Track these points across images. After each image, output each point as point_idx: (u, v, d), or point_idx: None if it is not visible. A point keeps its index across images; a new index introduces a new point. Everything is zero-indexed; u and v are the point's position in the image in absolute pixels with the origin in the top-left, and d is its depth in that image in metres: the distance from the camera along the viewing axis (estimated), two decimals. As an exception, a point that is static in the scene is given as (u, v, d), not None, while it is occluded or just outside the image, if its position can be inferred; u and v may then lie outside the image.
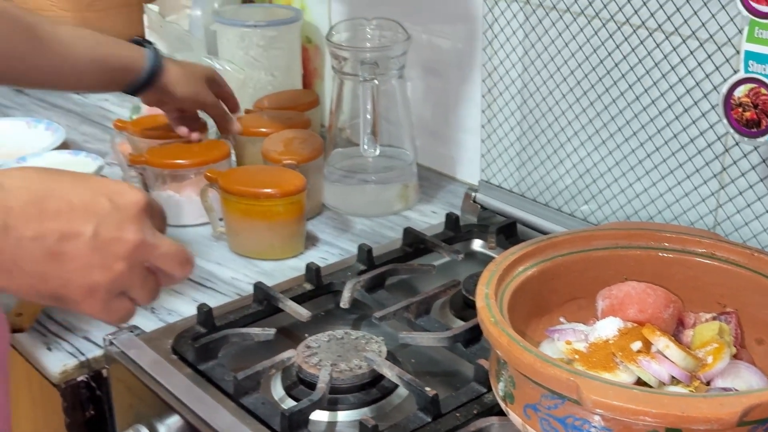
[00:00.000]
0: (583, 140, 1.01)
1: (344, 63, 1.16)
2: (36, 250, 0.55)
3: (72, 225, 0.56)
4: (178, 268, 0.61)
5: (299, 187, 1.06)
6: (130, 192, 0.58)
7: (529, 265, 0.77)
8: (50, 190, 0.56)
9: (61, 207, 0.56)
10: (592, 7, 0.95)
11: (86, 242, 0.56)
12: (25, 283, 0.56)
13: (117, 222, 0.57)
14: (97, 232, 0.56)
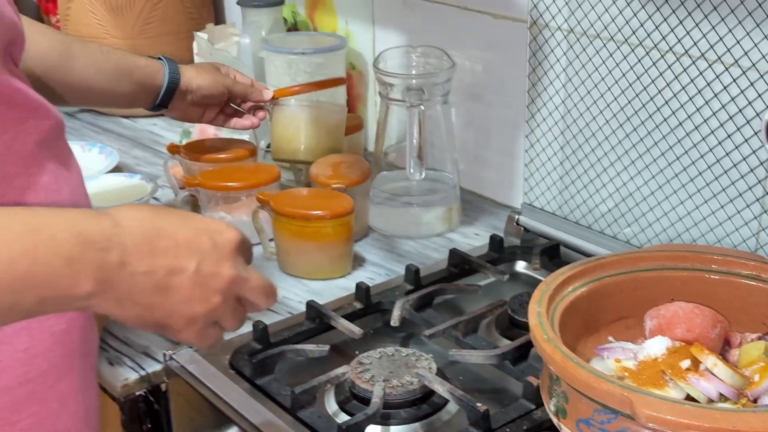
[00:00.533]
0: (626, 165, 1.03)
1: (390, 89, 1.19)
2: (147, 284, 0.60)
3: (178, 261, 0.61)
4: (263, 299, 0.67)
5: (348, 209, 1.10)
6: (227, 231, 0.64)
7: (579, 285, 0.79)
8: (159, 229, 0.61)
9: (169, 245, 0.61)
10: (635, 35, 0.98)
11: (189, 277, 0.61)
12: (135, 314, 0.61)
13: (216, 259, 0.62)
14: (198, 268, 0.62)
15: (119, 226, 0.60)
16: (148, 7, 1.56)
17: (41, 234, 0.56)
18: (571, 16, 1.05)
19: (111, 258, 0.58)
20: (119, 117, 1.61)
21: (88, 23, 1.57)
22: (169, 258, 0.61)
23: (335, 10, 1.47)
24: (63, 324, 0.70)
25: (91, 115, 1.62)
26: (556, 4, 1.06)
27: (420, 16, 1.32)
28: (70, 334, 0.71)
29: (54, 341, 0.69)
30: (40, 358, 0.69)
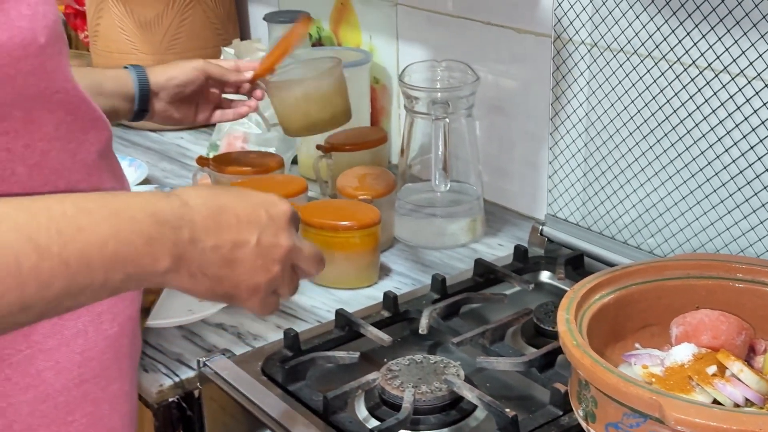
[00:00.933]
0: (650, 176, 1.05)
1: (416, 102, 1.22)
2: (215, 258, 0.64)
3: (241, 235, 0.65)
4: (315, 266, 0.73)
5: (375, 220, 1.12)
6: (279, 203, 0.69)
7: (606, 293, 0.81)
8: (222, 206, 0.65)
9: (231, 220, 0.65)
10: (658, 49, 1.00)
11: (252, 249, 0.66)
12: (206, 287, 0.65)
13: (274, 230, 0.67)
14: (259, 240, 0.66)
15: (187, 205, 0.63)
16: (175, 23, 1.59)
17: (122, 216, 0.60)
18: (595, 30, 1.07)
19: (183, 235, 0.62)
20: (147, 131, 1.64)
21: (116, 39, 1.60)
22: (233, 232, 0.65)
23: (359, 26, 1.50)
24: (116, 327, 0.73)
25: (120, 129, 1.65)
26: (580, 19, 1.08)
27: (443, 31, 1.34)
28: (121, 337, 0.73)
29: (107, 344, 0.72)
30: (95, 360, 0.71)
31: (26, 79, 0.63)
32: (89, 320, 0.71)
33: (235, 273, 0.65)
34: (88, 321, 0.71)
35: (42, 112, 0.65)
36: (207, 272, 0.64)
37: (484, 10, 1.27)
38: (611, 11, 1.04)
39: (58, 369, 0.69)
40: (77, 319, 0.70)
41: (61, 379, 0.69)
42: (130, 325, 0.75)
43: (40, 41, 0.62)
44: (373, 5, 1.46)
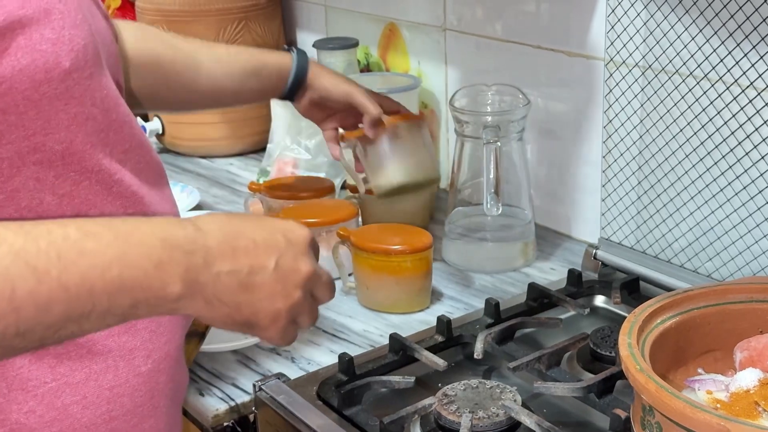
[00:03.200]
0: (706, 198, 1.04)
1: (466, 126, 1.22)
2: (232, 283, 0.62)
3: (259, 260, 0.63)
4: (329, 294, 0.70)
5: (427, 244, 1.12)
6: (298, 229, 0.67)
7: (667, 317, 0.80)
8: (238, 231, 0.63)
9: (248, 245, 0.63)
10: (715, 71, 0.99)
11: (271, 274, 0.64)
12: (223, 313, 0.63)
13: (293, 255, 0.65)
14: (278, 265, 0.64)
15: (201, 230, 0.62)
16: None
17: (130, 240, 0.59)
18: (649, 53, 1.06)
19: (196, 260, 0.60)
20: (197, 157, 1.66)
21: (168, 67, 1.63)
22: (250, 257, 0.63)
23: (408, 51, 1.51)
24: (150, 364, 0.71)
25: (170, 156, 1.67)
26: (633, 42, 1.07)
27: (492, 56, 1.35)
28: (156, 374, 0.72)
29: (140, 381, 0.70)
30: (126, 397, 0.69)
31: (52, 104, 0.62)
32: (120, 356, 0.69)
33: (254, 299, 0.63)
34: (119, 356, 0.69)
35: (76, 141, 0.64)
36: (223, 298, 0.62)
37: (534, 34, 1.27)
38: (665, 33, 1.03)
39: (85, 404, 0.67)
40: (107, 354, 0.69)
41: (88, 414, 0.67)
42: (167, 362, 0.73)
43: (65, 65, 0.61)
44: (421, 31, 1.47)
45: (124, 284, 0.58)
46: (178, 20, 1.59)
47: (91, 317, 0.57)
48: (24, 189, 0.63)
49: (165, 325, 0.73)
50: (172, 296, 0.60)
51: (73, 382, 0.67)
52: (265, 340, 0.67)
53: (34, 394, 0.65)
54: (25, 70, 0.60)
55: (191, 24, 1.58)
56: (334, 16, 1.64)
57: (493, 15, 1.34)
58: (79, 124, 0.64)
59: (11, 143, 0.61)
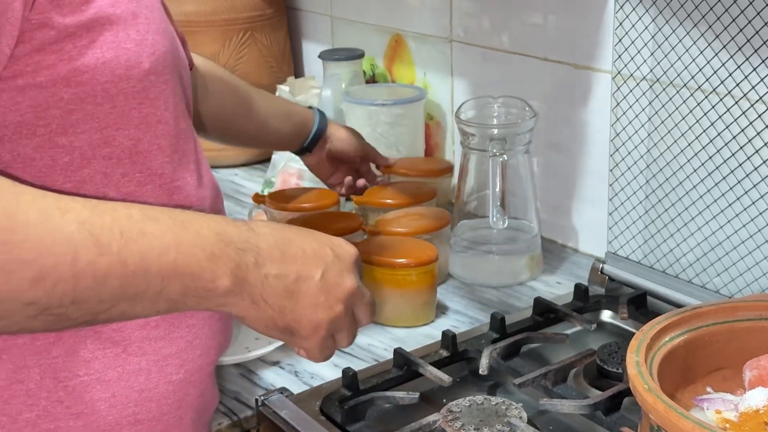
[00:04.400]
0: (715, 213, 1.03)
1: (472, 139, 1.21)
2: (279, 287, 0.64)
3: (306, 268, 0.65)
4: (369, 315, 0.71)
5: (432, 258, 1.11)
6: (346, 245, 0.70)
7: (675, 334, 0.79)
8: (289, 239, 0.66)
9: (297, 252, 0.65)
10: (724, 85, 0.98)
11: (316, 284, 0.66)
12: (267, 316, 0.65)
13: (339, 269, 0.67)
14: (324, 276, 0.66)
15: (254, 231, 0.64)
16: (231, 62, 1.61)
17: (188, 228, 0.61)
18: (657, 66, 1.05)
19: (247, 258, 0.62)
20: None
21: (173, 77, 1.63)
22: (298, 264, 0.65)
23: (414, 63, 1.50)
24: (182, 374, 0.72)
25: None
26: (641, 55, 1.07)
27: (499, 68, 1.34)
28: (187, 385, 0.73)
29: (170, 389, 0.71)
30: (154, 402, 0.70)
31: (127, 101, 0.64)
32: (154, 360, 0.70)
33: (298, 306, 0.65)
34: (153, 361, 0.70)
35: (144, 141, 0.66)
36: (269, 300, 0.64)
37: (541, 46, 1.26)
38: (674, 47, 1.03)
39: (113, 402, 0.69)
40: (141, 357, 0.70)
41: (114, 413, 0.68)
42: (199, 375, 0.74)
43: (144, 66, 0.64)
44: (427, 42, 1.46)
45: (177, 270, 0.59)
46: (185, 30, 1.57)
47: (144, 298, 0.59)
48: (91, 181, 0.65)
49: (202, 338, 0.74)
50: (221, 290, 0.61)
51: (104, 379, 0.68)
52: (303, 350, 0.69)
53: (65, 385, 0.67)
54: (108, 64, 0.63)
55: (198, 34, 1.58)
56: (340, 26, 1.64)
57: (499, 27, 1.33)
58: (149, 124, 0.67)
59: (85, 133, 0.64)
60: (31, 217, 0.54)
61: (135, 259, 0.57)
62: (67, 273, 0.55)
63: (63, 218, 0.55)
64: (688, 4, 0.99)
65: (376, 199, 1.27)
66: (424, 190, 1.30)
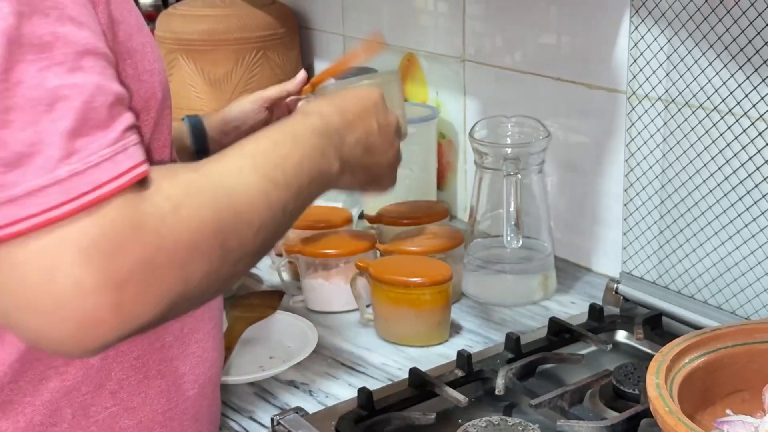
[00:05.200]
0: (731, 234, 1.02)
1: (486, 158, 1.21)
2: (359, 150, 0.78)
3: (367, 123, 0.79)
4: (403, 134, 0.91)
5: (446, 277, 1.11)
6: (371, 92, 0.82)
7: (695, 356, 0.79)
8: (343, 108, 0.77)
9: (354, 117, 0.78)
10: (740, 106, 0.98)
11: (377, 132, 0.79)
12: (364, 178, 0.80)
13: (382, 112, 0.81)
14: (379, 124, 0.80)
15: (323, 116, 0.74)
16: (244, 80, 1.62)
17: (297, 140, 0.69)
18: (672, 86, 1.05)
19: (336, 140, 0.74)
20: None
21: (186, 96, 1.63)
22: (361, 125, 0.78)
23: (426, 82, 1.50)
24: (196, 389, 0.73)
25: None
26: (656, 75, 1.07)
27: (511, 87, 1.34)
28: (201, 398, 0.74)
29: (187, 405, 0.73)
30: (176, 421, 0.72)
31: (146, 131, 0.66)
32: (173, 380, 0.71)
33: (375, 157, 0.79)
34: (171, 381, 0.71)
35: None
36: (359, 164, 0.77)
37: (554, 66, 1.27)
38: (689, 67, 1.03)
39: (140, 428, 0.70)
40: (161, 379, 0.71)
41: None
42: (209, 386, 0.76)
43: (158, 96, 0.66)
44: (440, 61, 1.47)
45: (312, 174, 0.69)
46: (198, 49, 1.59)
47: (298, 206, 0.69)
48: None
49: (209, 350, 0.76)
50: (335, 173, 0.73)
51: (131, 407, 0.69)
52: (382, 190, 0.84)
53: (95, 420, 0.68)
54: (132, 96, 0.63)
55: (210, 53, 1.59)
56: (352, 45, 1.64)
57: (512, 46, 1.33)
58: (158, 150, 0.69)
59: None
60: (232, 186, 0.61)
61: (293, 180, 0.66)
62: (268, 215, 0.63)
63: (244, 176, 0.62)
64: (704, 26, 1.00)
65: (390, 217, 1.27)
66: (438, 208, 1.30)
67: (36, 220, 0.51)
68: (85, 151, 0.52)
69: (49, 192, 0.51)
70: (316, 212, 1.29)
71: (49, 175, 0.51)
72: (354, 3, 1.63)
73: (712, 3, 0.98)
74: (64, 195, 0.51)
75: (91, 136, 0.53)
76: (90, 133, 0.53)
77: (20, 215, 0.51)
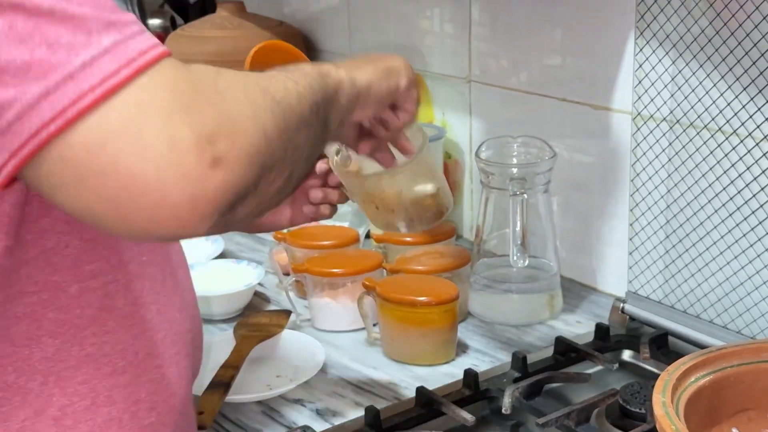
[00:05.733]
0: (736, 254, 1.03)
1: (492, 178, 1.22)
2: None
3: None
4: None
5: (453, 296, 1.12)
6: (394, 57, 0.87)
7: (701, 375, 0.79)
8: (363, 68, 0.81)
9: None
10: (744, 127, 0.99)
11: None
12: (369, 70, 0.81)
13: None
14: None
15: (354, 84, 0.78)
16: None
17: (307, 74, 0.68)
18: (677, 107, 1.06)
19: None
20: None
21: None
22: None
23: (432, 102, 1.52)
24: (153, 417, 0.71)
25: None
26: (661, 97, 1.08)
27: (517, 108, 1.35)
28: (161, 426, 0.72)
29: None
30: None
31: None
32: (124, 408, 0.69)
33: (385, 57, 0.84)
34: (123, 408, 0.69)
35: None
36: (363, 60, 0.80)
37: (559, 86, 1.28)
38: (693, 89, 1.04)
39: None
40: (111, 406, 0.69)
41: None
42: (171, 415, 0.73)
43: None
44: (446, 82, 1.48)
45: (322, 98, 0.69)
46: (206, 70, 1.61)
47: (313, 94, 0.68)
48: (52, 230, 0.64)
49: (170, 377, 0.73)
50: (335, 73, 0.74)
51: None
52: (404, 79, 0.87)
53: None
54: None
55: (218, 73, 1.61)
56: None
57: (518, 67, 1.35)
58: None
59: None
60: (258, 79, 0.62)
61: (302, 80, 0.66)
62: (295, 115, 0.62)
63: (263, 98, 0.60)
64: (708, 47, 1.01)
65: (396, 237, 1.28)
66: (444, 228, 1.31)
67: (99, 91, 0.52)
68: (119, 24, 0.54)
69: (102, 61, 0.52)
70: (324, 231, 1.31)
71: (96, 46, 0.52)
72: (361, 24, 1.65)
73: (716, 25, 0.99)
74: (116, 62, 0.52)
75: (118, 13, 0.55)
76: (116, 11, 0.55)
77: (83, 88, 0.52)
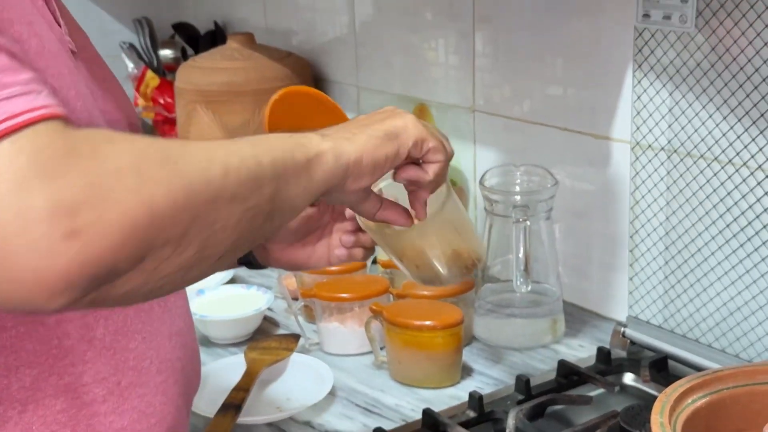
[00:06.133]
0: (734, 279, 1.06)
1: (496, 205, 1.25)
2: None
3: None
4: None
5: (458, 320, 1.14)
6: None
7: (697, 396, 0.82)
8: None
9: None
10: (739, 156, 1.03)
11: None
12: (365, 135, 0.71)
13: None
14: None
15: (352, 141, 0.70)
16: (261, 129, 1.67)
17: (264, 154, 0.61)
18: (675, 137, 1.10)
19: None
20: None
21: (205, 143, 1.69)
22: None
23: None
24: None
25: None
26: (659, 127, 1.11)
27: (520, 137, 1.39)
28: None
29: None
30: None
31: None
32: None
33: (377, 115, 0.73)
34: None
35: None
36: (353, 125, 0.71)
37: (561, 116, 1.32)
38: (690, 119, 1.07)
39: None
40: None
41: None
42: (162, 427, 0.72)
43: None
44: (450, 111, 1.52)
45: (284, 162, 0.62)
46: (217, 100, 1.65)
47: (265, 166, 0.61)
48: None
49: (156, 405, 0.72)
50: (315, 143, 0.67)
51: None
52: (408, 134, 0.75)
53: None
54: None
55: (228, 104, 1.65)
56: (366, 96, 1.70)
57: (520, 97, 1.38)
58: None
59: None
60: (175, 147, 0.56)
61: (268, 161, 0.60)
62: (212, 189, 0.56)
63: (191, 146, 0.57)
64: (704, 80, 1.05)
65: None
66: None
67: None
68: None
69: None
70: (331, 257, 1.34)
71: None
72: (368, 55, 1.69)
73: (711, 59, 1.03)
74: None
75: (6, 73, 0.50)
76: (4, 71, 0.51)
77: None
